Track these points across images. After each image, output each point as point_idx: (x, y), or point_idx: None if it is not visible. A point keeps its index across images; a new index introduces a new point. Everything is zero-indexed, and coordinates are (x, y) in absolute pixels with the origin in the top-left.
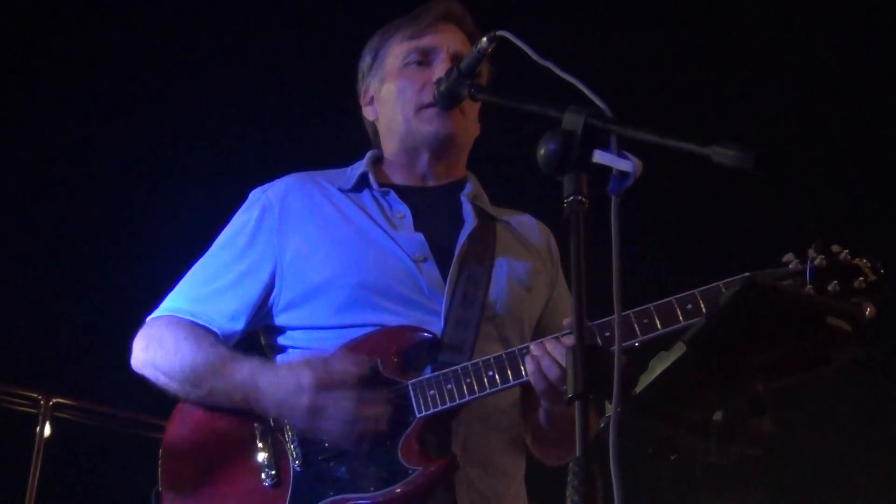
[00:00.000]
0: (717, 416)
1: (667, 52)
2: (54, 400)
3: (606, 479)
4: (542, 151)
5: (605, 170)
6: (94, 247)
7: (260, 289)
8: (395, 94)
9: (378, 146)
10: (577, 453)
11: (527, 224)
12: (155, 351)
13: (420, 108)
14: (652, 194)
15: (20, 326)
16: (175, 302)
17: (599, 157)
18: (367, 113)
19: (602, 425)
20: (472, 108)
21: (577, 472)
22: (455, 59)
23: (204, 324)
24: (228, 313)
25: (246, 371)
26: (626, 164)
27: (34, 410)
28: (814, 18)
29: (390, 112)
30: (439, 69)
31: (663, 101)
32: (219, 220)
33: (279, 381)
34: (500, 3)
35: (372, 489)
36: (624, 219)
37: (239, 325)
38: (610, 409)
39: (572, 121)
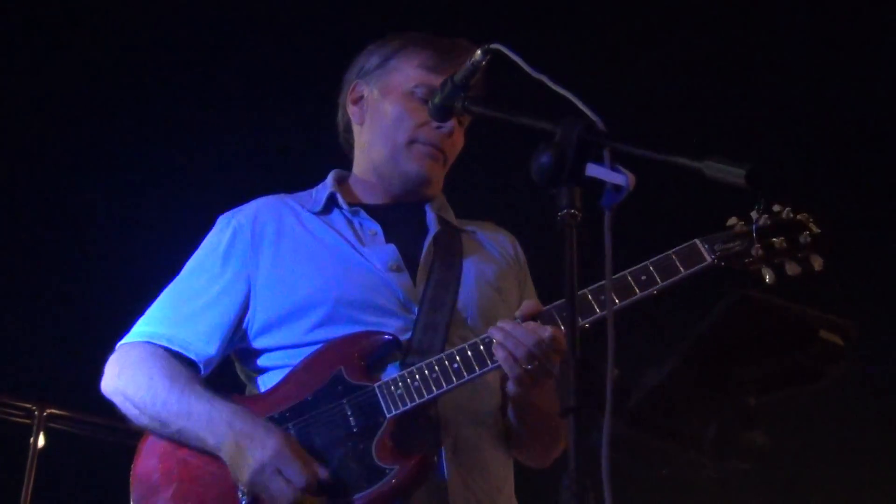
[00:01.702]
0: (711, 429)
1: (660, 65)
2: (48, 410)
3: (599, 493)
4: (535, 164)
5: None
6: (89, 257)
7: (235, 311)
8: (391, 117)
9: (346, 143)
10: (570, 467)
11: (492, 231)
12: (127, 380)
13: (413, 143)
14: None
15: (14, 337)
16: (149, 326)
17: (592, 170)
18: (352, 112)
19: (594, 438)
20: (462, 121)
21: (569, 485)
22: None
23: (180, 349)
24: (204, 336)
25: (225, 414)
26: (619, 178)
27: (28, 421)
28: (806, 28)
29: (379, 131)
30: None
31: (656, 114)
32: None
33: (248, 436)
34: (494, 14)
35: (353, 493)
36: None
37: (214, 349)
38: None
39: (566, 134)
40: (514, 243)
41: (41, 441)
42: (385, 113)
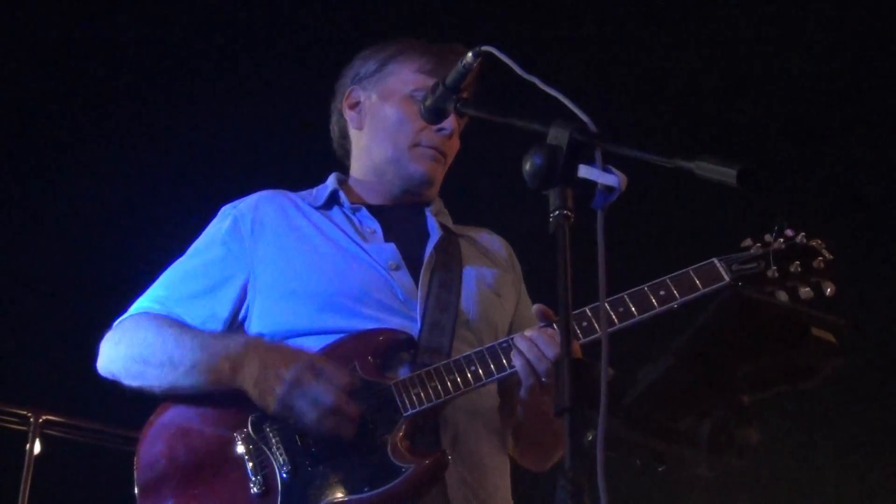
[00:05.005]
0: (705, 427)
1: (651, 66)
2: (44, 417)
3: (594, 492)
4: (527, 166)
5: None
6: (84, 263)
7: (233, 299)
8: (392, 120)
9: (341, 149)
10: (566, 466)
11: (487, 237)
12: (130, 341)
13: (415, 146)
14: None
15: (9, 343)
16: (146, 302)
17: (584, 171)
18: (349, 117)
19: (590, 438)
20: (458, 123)
21: (564, 485)
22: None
23: (178, 319)
24: (199, 318)
25: (242, 340)
26: (610, 179)
27: (23, 428)
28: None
29: (381, 134)
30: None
31: (648, 115)
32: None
33: (273, 352)
34: (486, 16)
35: (366, 489)
36: (586, 216)
37: (212, 328)
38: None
39: (557, 135)
40: (509, 250)
41: (37, 448)
42: (386, 116)
